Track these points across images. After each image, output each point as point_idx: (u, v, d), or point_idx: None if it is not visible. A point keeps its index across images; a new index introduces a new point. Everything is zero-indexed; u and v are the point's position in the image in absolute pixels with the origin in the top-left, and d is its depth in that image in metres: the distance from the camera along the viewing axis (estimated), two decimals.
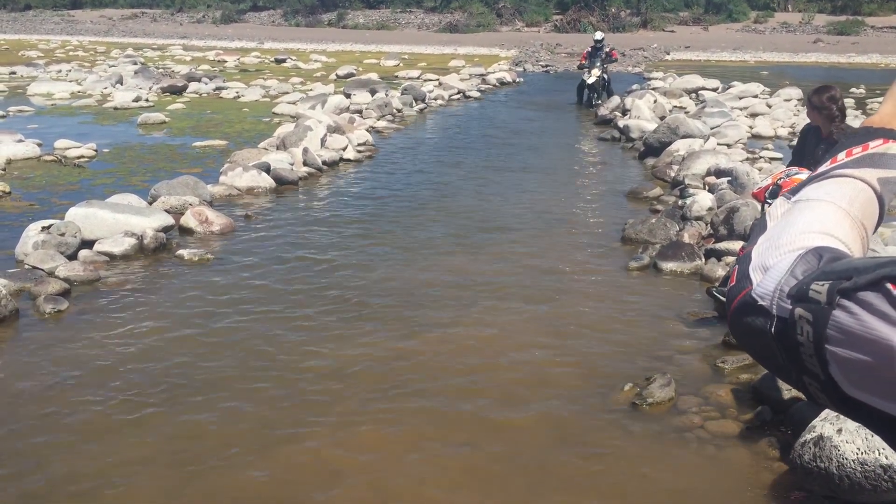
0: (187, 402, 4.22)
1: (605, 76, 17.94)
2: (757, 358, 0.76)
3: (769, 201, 4.51)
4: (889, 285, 0.61)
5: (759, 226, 0.81)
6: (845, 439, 3.24)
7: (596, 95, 17.55)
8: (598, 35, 18.55)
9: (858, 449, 3.20)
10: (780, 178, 4.60)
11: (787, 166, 5.20)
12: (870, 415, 0.64)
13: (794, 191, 0.82)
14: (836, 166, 0.82)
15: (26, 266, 6.11)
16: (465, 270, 6.44)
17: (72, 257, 6.36)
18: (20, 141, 10.83)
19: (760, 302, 0.71)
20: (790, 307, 0.67)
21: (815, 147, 4.89)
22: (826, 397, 0.67)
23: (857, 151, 0.81)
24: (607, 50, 17.98)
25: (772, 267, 0.73)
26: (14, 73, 22.69)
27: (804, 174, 4.49)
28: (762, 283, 0.72)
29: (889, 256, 0.65)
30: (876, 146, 0.81)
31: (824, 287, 0.65)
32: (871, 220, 0.79)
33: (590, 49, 17.86)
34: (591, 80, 17.53)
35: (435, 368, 4.68)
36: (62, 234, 6.45)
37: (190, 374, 4.54)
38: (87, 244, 6.63)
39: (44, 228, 6.48)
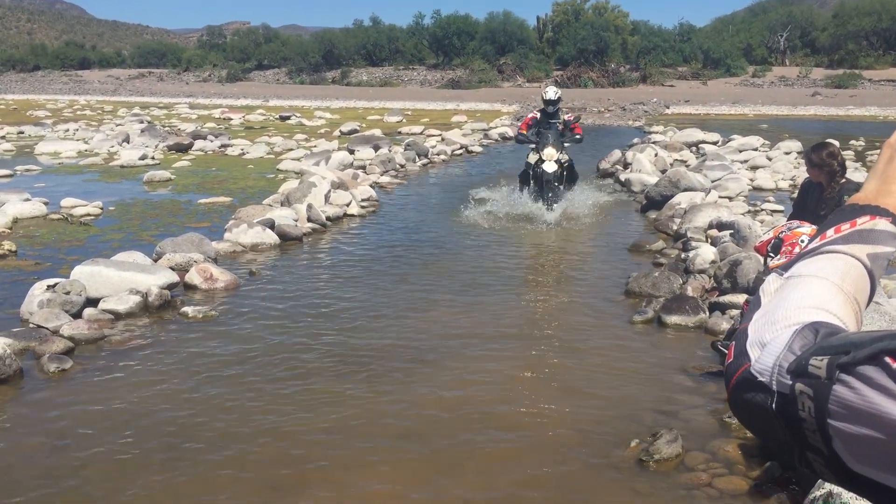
0: (192, 461, 4.18)
1: (567, 159, 11.17)
2: (758, 434, 0.76)
3: (771, 255, 4.52)
4: (888, 359, 0.62)
5: (754, 302, 0.82)
6: (854, 496, 3.20)
7: (552, 193, 10.86)
8: (552, 92, 11.57)
9: None
10: (782, 232, 4.61)
11: (788, 220, 5.22)
12: (876, 490, 0.64)
13: (786, 267, 0.84)
14: (826, 243, 0.83)
15: (31, 325, 6.11)
16: (467, 325, 6.43)
17: (76, 315, 6.37)
18: (27, 199, 10.96)
19: (760, 378, 0.71)
20: (790, 383, 0.68)
21: (816, 203, 4.92)
22: (831, 473, 0.67)
23: (846, 228, 0.83)
24: (566, 119, 11.46)
25: (769, 342, 0.73)
26: (22, 132, 23.02)
27: (806, 227, 4.50)
28: (760, 359, 0.72)
29: (885, 330, 0.66)
30: (863, 222, 0.83)
31: (823, 362, 0.66)
32: (863, 295, 0.80)
33: (538, 115, 11.45)
34: (550, 169, 10.75)
35: (437, 425, 4.64)
36: (67, 293, 6.46)
37: (194, 432, 4.51)
38: (92, 302, 6.64)
39: (49, 287, 6.50)
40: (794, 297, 0.78)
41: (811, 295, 0.78)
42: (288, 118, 29.77)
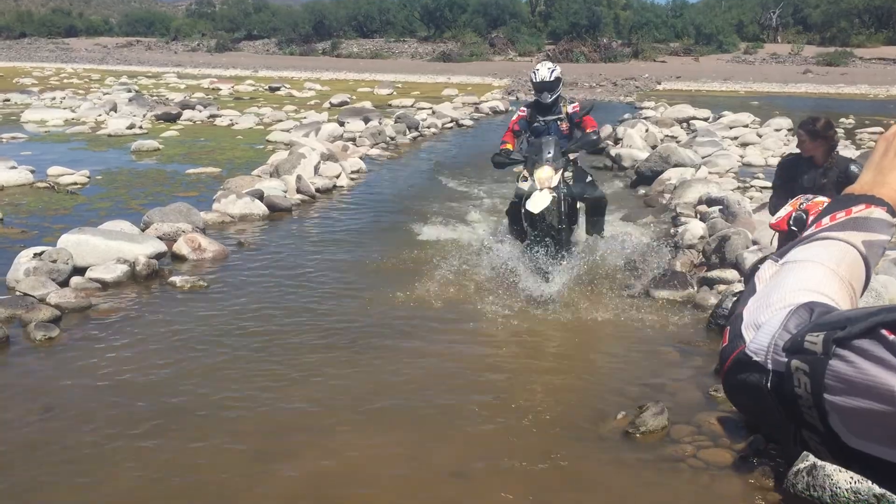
0: (178, 429, 4.18)
1: (568, 178, 6.94)
2: (753, 416, 0.76)
3: (794, 228, 4.47)
4: (884, 331, 0.62)
5: (749, 288, 0.82)
6: (838, 468, 3.23)
7: (554, 236, 6.68)
8: (545, 70, 7.32)
9: (852, 478, 3.20)
10: (802, 204, 4.56)
11: (772, 199, 5.19)
12: (872, 465, 0.64)
13: (781, 254, 0.84)
14: (821, 230, 0.83)
15: (17, 293, 6.08)
16: (454, 298, 6.43)
17: (63, 284, 6.34)
18: (13, 168, 10.84)
19: (755, 358, 0.71)
20: (785, 360, 0.68)
21: (813, 176, 4.90)
22: (827, 450, 0.67)
23: (841, 216, 0.83)
24: (570, 111, 7.32)
25: (764, 324, 0.73)
26: (8, 100, 22.75)
27: (821, 197, 4.48)
28: (755, 340, 0.72)
29: (880, 305, 0.66)
30: (859, 211, 0.83)
31: (819, 338, 0.66)
32: (858, 282, 0.81)
33: (526, 112, 7.42)
34: (535, 207, 6.56)
35: (423, 393, 4.65)
36: (54, 261, 6.42)
37: (180, 401, 4.50)
38: (79, 271, 6.60)
39: (35, 255, 6.45)
40: (789, 281, 0.78)
41: (806, 278, 0.78)
42: (277, 89, 29.56)
